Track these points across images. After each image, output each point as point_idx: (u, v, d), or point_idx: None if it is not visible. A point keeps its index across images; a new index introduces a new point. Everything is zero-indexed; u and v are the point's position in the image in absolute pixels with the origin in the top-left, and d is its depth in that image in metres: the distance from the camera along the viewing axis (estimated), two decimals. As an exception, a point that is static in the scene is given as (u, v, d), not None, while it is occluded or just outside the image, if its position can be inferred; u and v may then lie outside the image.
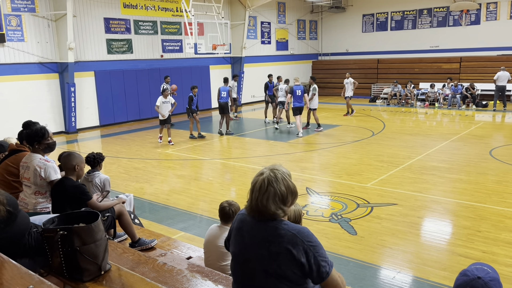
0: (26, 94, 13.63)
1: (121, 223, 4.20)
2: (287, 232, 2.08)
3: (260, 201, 2.12)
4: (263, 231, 2.13)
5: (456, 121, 15.46)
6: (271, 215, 2.11)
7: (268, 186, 2.12)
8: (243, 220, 2.26)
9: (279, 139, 12.84)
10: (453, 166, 9.16)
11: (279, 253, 2.06)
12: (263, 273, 2.12)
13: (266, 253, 2.10)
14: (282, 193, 2.12)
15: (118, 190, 7.87)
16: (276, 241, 2.07)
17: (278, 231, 2.09)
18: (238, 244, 2.26)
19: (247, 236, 2.20)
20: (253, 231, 2.18)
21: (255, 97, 21.76)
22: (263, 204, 2.11)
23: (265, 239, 2.11)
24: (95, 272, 2.61)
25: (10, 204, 2.84)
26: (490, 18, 20.02)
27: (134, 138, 13.59)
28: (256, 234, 2.16)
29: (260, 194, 2.12)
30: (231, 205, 3.77)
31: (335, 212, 6.70)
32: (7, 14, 13.03)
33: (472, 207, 6.77)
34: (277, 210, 2.11)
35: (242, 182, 8.62)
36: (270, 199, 2.11)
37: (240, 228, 2.25)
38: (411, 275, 4.80)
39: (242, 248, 2.22)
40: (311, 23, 25.17)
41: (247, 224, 2.22)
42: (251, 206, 2.18)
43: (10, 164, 4.31)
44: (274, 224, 2.12)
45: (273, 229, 2.11)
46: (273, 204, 2.11)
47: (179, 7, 17.33)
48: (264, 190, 2.12)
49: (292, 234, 2.07)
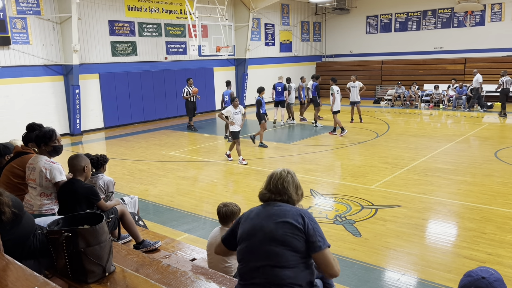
0: (31, 96, 13.71)
1: (124, 223, 4.22)
2: (292, 208, 2.43)
3: (281, 184, 2.49)
4: (270, 209, 2.45)
5: (461, 122, 15.39)
6: (289, 196, 2.48)
7: (288, 175, 2.54)
8: (251, 210, 2.55)
9: (283, 141, 12.83)
10: (458, 167, 9.12)
11: (285, 223, 2.35)
12: (268, 241, 2.33)
13: (272, 224, 2.37)
14: (297, 184, 2.57)
15: (123, 192, 7.89)
16: (282, 214, 2.39)
17: (284, 208, 2.43)
18: (246, 225, 2.48)
19: (255, 217, 2.47)
20: (261, 212, 2.47)
21: (259, 99, 21.76)
22: (284, 186, 2.48)
23: (272, 214, 2.41)
24: (99, 273, 2.62)
25: (15, 206, 2.86)
26: (494, 19, 19.94)
27: (139, 140, 13.63)
28: (264, 212, 2.45)
29: (281, 179, 2.51)
30: (226, 206, 3.78)
31: (339, 214, 6.69)
32: (12, 17, 13.12)
33: (477, 209, 6.73)
34: (293, 193, 2.50)
35: (246, 184, 8.62)
36: (290, 184, 2.52)
37: (247, 216, 2.53)
38: (416, 277, 4.78)
39: (250, 227, 2.45)
40: (315, 24, 25.17)
41: (255, 210, 2.51)
42: (268, 189, 2.50)
43: (15, 166, 4.32)
44: (280, 204, 2.45)
45: (280, 208, 2.43)
46: (292, 187, 2.51)
47: (183, 10, 17.37)
48: (284, 177, 2.52)
49: (297, 210, 2.42)
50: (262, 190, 2.54)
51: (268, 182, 2.52)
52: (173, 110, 17.82)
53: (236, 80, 20.77)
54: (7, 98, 13.15)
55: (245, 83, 20.57)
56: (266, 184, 2.52)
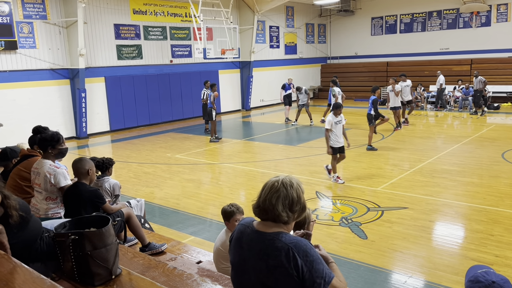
0: (37, 100, 13.81)
1: (130, 226, 4.23)
2: (284, 245, 2.06)
3: (269, 199, 2.12)
4: (261, 243, 2.12)
5: (467, 123, 15.30)
6: (276, 215, 2.11)
7: (280, 187, 2.13)
8: (242, 231, 2.25)
9: (289, 143, 12.82)
10: (465, 169, 9.06)
11: (276, 267, 2.05)
12: (260, 285, 2.12)
13: (264, 266, 2.09)
14: (293, 198, 2.13)
15: (129, 195, 7.92)
16: (273, 254, 2.06)
17: (275, 244, 2.08)
18: (237, 254, 2.27)
19: (246, 247, 2.20)
20: (252, 242, 2.17)
21: (264, 101, 21.79)
22: (271, 203, 2.11)
23: (263, 252, 2.10)
24: (106, 276, 2.63)
25: (22, 209, 2.88)
26: (500, 19, 19.83)
27: (144, 143, 13.68)
28: (255, 246, 2.15)
29: (270, 193, 2.13)
30: (232, 205, 3.84)
31: (345, 216, 6.66)
32: (19, 21, 13.23)
33: (485, 210, 6.68)
34: (282, 212, 2.10)
35: (252, 187, 8.62)
36: (280, 200, 2.11)
37: (239, 239, 2.25)
38: (423, 280, 4.75)
39: (241, 259, 2.23)
40: (320, 26, 25.16)
41: (247, 235, 2.21)
42: (258, 203, 2.18)
43: (22, 169, 4.35)
44: (272, 236, 2.11)
45: (271, 241, 2.09)
46: (281, 205, 2.10)
47: (188, 13, 17.45)
48: (276, 190, 2.12)
49: (289, 247, 2.05)
50: (254, 203, 2.22)
51: (259, 195, 2.19)
52: (178, 113, 17.87)
53: (241, 82, 20.80)
54: (14, 102, 13.26)
55: (250, 85, 20.59)
56: (258, 196, 2.20)
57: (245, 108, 20.89)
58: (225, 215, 3.82)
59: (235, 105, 20.76)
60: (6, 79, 13.08)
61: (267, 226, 2.15)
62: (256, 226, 2.20)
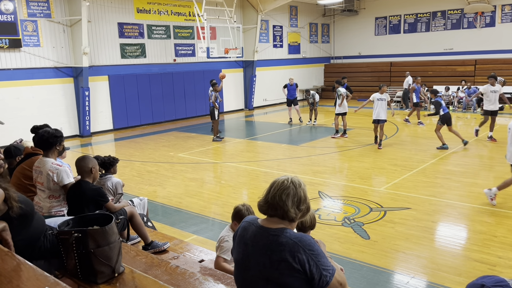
0: (41, 98, 13.85)
1: (133, 224, 4.24)
2: (289, 240, 2.09)
3: (279, 196, 2.16)
4: (265, 239, 2.15)
5: (471, 124, 15.24)
6: (285, 212, 2.15)
7: (290, 185, 2.18)
8: (246, 228, 2.28)
9: (292, 143, 12.82)
10: (468, 170, 9.03)
11: (281, 262, 2.07)
12: (264, 281, 2.13)
13: (267, 261, 2.11)
14: (300, 197, 2.18)
15: (132, 194, 7.93)
16: (277, 249, 2.09)
17: (279, 239, 2.11)
18: (240, 251, 2.28)
19: (249, 243, 2.22)
20: (256, 238, 2.20)
21: (267, 101, 21.79)
22: (281, 199, 2.15)
23: (266, 247, 2.13)
24: (109, 274, 2.64)
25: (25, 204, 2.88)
26: (505, 20, 19.75)
27: (147, 141, 13.70)
28: (258, 242, 2.17)
29: (280, 190, 2.17)
30: (248, 209, 3.78)
31: (348, 216, 6.66)
32: (23, 20, 13.27)
33: (488, 211, 6.66)
34: (291, 208, 2.15)
35: (254, 186, 8.62)
36: (290, 197, 2.16)
37: (243, 236, 2.28)
38: (426, 281, 4.74)
39: (244, 255, 2.24)
40: (323, 26, 25.13)
41: (251, 232, 2.24)
42: (266, 199, 2.21)
43: (25, 168, 4.35)
44: (276, 232, 2.14)
45: (275, 237, 2.13)
46: (290, 202, 2.15)
47: (191, 12, 17.46)
48: (286, 187, 2.17)
49: (294, 242, 2.08)
50: (261, 200, 2.26)
51: (268, 191, 2.23)
52: (181, 111, 17.90)
53: (244, 82, 20.81)
54: (18, 100, 13.31)
55: (253, 85, 20.59)
56: (266, 193, 2.24)
57: (248, 107, 20.90)
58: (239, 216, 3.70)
59: (238, 105, 20.77)
60: (10, 77, 13.13)
61: (272, 223, 2.19)
62: (261, 222, 2.23)
